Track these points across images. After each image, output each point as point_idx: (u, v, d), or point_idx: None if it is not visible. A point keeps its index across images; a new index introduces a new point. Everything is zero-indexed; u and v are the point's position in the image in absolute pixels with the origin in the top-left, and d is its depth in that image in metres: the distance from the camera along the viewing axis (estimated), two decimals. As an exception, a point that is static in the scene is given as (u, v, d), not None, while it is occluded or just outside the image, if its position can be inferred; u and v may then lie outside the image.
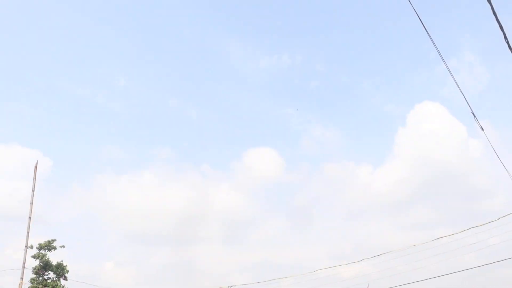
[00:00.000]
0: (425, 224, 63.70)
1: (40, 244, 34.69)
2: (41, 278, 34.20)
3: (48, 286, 33.52)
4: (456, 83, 11.47)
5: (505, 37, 7.89)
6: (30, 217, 28.30)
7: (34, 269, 34.16)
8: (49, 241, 35.02)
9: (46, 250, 34.81)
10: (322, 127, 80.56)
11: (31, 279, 33.72)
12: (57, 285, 33.96)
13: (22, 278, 28.02)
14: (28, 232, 28.40)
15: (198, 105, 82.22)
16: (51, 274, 34.72)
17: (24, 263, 28.31)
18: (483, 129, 16.92)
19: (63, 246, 35.44)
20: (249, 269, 61.87)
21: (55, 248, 35.04)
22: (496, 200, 62.62)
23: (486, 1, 6.44)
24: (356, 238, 62.71)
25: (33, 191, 28.77)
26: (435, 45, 9.55)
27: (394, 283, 23.43)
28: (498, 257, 21.37)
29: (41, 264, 34.45)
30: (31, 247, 33.23)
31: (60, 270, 34.90)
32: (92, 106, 77.63)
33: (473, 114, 14.86)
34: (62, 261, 35.26)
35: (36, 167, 28.51)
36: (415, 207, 67.90)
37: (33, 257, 34.30)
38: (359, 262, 25.48)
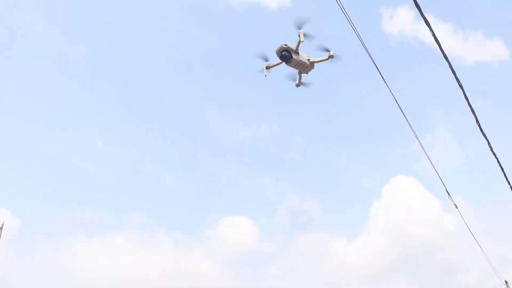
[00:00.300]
0: (401, 298, 62.63)
1: (-2, 310, 32.82)
2: None
3: None
4: (431, 162, 11.68)
5: (477, 120, 8.13)
6: (-10, 281, 26.88)
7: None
8: (8, 307, 33.16)
9: (5, 317, 32.88)
10: (298, 198, 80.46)
11: None
12: None
13: None
14: (-14, 297, 26.89)
15: (175, 172, 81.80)
16: None
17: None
18: (457, 207, 17.20)
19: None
20: None
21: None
22: (470, 275, 62.44)
23: (458, 86, 6.67)
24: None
25: (-4, 253, 27.54)
26: (410, 125, 9.75)
27: None
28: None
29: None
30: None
31: None
32: (67, 167, 76.43)
33: (447, 192, 15.11)
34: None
35: (1, 228, 27.51)
36: (390, 280, 67.06)
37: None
38: None
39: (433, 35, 6.72)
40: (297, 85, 20.21)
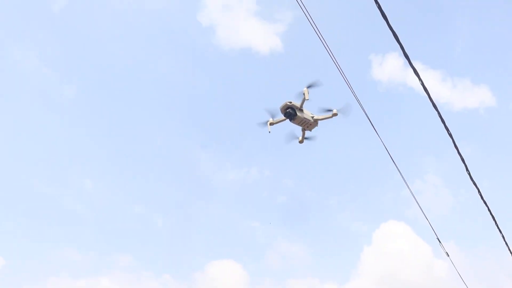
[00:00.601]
0: None
1: None
2: None
3: None
4: (421, 209, 11.59)
5: (467, 169, 8.10)
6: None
7: None
8: None
9: None
10: (287, 242, 79.52)
11: None
12: None
13: None
14: None
15: (164, 214, 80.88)
16: None
17: None
18: (448, 255, 16.91)
19: None
20: None
21: None
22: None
23: (448, 135, 6.67)
24: None
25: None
26: (399, 172, 9.71)
27: None
28: None
29: None
30: None
31: None
32: (54, 206, 75.19)
33: (438, 240, 14.91)
34: None
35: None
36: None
37: None
38: None
39: (422, 84, 6.79)
40: (300, 142, 20.25)
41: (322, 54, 8.77)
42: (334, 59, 8.24)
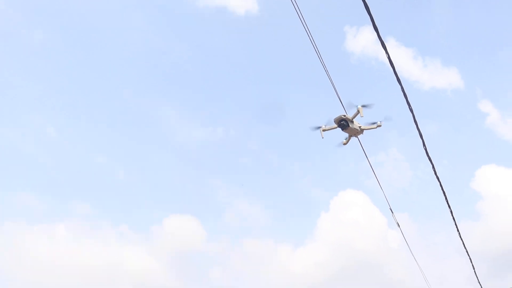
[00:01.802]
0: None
1: None
2: None
3: None
4: (377, 178, 12.10)
5: (424, 144, 8.48)
6: None
7: None
8: None
9: None
10: (247, 203, 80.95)
11: None
12: None
13: None
14: None
15: (126, 166, 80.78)
16: None
17: None
18: (399, 225, 17.81)
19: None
20: None
21: None
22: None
23: (409, 110, 6.98)
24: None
25: None
26: (360, 143, 10.04)
27: None
28: None
29: None
30: None
31: None
32: (14, 151, 74.12)
33: (390, 210, 15.67)
34: None
35: None
36: (333, 290, 68.23)
37: None
38: None
39: (388, 57, 7.02)
40: (344, 144, 22.29)
41: (297, 20, 8.88)
42: (307, 29, 8.37)
